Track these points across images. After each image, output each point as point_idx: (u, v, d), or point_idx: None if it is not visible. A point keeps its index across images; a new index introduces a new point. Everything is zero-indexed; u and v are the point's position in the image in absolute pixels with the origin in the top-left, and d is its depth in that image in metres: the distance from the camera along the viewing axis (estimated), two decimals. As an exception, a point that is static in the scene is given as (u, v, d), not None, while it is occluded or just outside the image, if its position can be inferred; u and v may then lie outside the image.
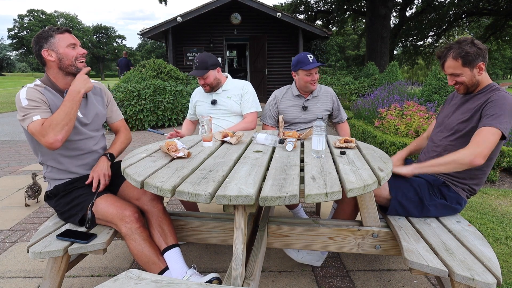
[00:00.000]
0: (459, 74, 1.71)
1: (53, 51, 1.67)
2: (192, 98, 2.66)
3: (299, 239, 1.77)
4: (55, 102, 1.68)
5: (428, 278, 1.98)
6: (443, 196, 1.75)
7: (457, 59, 1.68)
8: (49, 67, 1.70)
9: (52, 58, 1.67)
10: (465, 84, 1.73)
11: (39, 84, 1.69)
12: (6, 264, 2.17)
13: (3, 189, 3.65)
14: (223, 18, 12.33)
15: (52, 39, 1.66)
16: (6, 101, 15.35)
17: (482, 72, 1.70)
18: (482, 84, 1.74)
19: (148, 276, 1.17)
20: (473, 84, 1.73)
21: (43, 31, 1.69)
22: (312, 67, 2.35)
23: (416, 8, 19.56)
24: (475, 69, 1.68)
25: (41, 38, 1.67)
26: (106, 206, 1.64)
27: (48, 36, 1.67)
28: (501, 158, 3.66)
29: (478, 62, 1.67)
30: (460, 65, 1.68)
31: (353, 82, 10.72)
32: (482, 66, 1.68)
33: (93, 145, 1.84)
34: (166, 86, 7.91)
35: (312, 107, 2.50)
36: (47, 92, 1.68)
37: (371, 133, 4.83)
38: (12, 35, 59.77)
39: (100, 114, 1.88)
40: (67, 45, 1.68)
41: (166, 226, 1.70)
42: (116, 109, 2.03)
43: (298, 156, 1.69)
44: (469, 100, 1.76)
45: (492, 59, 26.54)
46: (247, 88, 2.56)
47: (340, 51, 29.15)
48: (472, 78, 1.71)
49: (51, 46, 1.66)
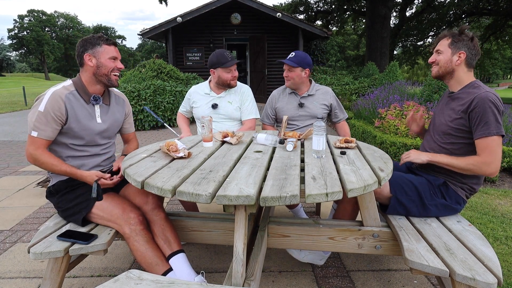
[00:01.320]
0: (441, 52, 1.75)
1: (95, 57, 1.73)
2: (189, 96, 2.60)
3: (299, 239, 1.77)
4: (76, 109, 1.73)
5: (428, 278, 1.98)
6: (443, 196, 1.75)
7: (448, 38, 1.73)
8: (85, 70, 1.76)
9: (91, 64, 1.73)
10: (439, 65, 1.76)
11: (68, 86, 1.75)
12: (6, 264, 2.17)
13: (3, 189, 3.65)
14: (223, 18, 12.33)
15: (98, 47, 1.73)
16: (6, 101, 15.35)
17: (460, 62, 1.71)
18: (464, 81, 1.75)
19: (148, 276, 1.17)
20: (447, 70, 1.75)
21: (92, 37, 1.75)
22: (282, 61, 2.47)
23: (416, 8, 19.56)
24: (455, 55, 1.71)
25: (88, 43, 1.73)
26: (112, 206, 1.65)
27: (95, 43, 1.73)
28: (501, 158, 3.66)
29: (461, 50, 1.69)
30: (447, 43, 1.73)
31: (353, 82, 10.72)
32: (462, 55, 1.70)
33: (100, 149, 1.88)
34: (166, 86, 7.91)
35: (309, 105, 2.52)
36: (71, 98, 1.72)
37: (371, 133, 4.84)
38: (12, 35, 59.74)
39: (117, 123, 1.94)
40: (109, 57, 1.75)
41: (169, 233, 1.70)
42: (131, 122, 2.11)
43: (298, 156, 1.69)
44: (455, 99, 1.76)
45: (492, 59, 26.52)
46: (247, 94, 2.56)
47: (340, 51, 29.18)
48: (447, 62, 1.73)
49: (95, 52, 1.73)
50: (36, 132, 1.65)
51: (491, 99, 1.58)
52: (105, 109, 1.86)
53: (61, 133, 1.74)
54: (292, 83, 2.50)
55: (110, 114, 1.89)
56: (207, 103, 2.51)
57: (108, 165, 1.95)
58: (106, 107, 1.88)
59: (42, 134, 1.66)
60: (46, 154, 1.70)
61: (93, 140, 1.82)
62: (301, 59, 2.44)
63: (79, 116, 1.74)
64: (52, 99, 1.66)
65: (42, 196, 3.41)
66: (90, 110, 1.79)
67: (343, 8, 18.10)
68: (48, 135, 1.68)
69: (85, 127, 1.76)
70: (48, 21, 63.41)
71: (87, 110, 1.78)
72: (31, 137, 1.67)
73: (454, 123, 1.71)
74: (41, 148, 1.69)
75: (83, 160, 1.82)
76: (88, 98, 1.78)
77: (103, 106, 1.86)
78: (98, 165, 1.88)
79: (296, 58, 2.45)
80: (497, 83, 57.72)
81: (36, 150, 1.68)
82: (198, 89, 2.58)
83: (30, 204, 3.18)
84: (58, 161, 1.71)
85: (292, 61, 2.44)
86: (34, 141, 1.67)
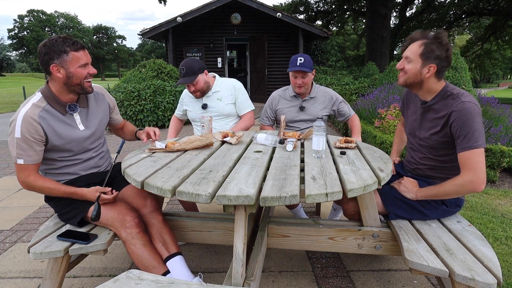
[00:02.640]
0: (410, 60, 1.62)
1: (63, 68, 1.56)
2: (181, 100, 2.61)
3: (299, 239, 1.77)
4: (53, 126, 1.62)
5: (428, 278, 1.98)
6: (443, 202, 1.73)
7: (421, 46, 1.59)
8: (53, 80, 1.61)
9: (60, 75, 1.57)
10: (407, 75, 1.64)
11: (38, 102, 1.60)
12: (6, 264, 2.17)
13: (3, 189, 3.65)
14: (223, 18, 12.32)
15: (65, 56, 1.55)
16: (6, 101, 15.36)
17: (429, 75, 1.60)
18: (434, 91, 1.65)
19: (148, 276, 1.17)
20: (415, 82, 1.64)
21: (56, 42, 1.54)
22: (293, 69, 2.33)
23: (416, 8, 19.56)
24: (425, 68, 1.59)
25: (52, 51, 1.54)
26: (107, 209, 1.63)
27: (61, 51, 1.54)
28: (501, 158, 3.66)
29: (432, 62, 1.57)
30: (419, 52, 1.59)
31: (353, 82, 10.72)
32: (432, 69, 1.58)
33: (93, 152, 1.84)
34: (166, 86, 7.91)
35: (310, 107, 2.49)
36: (45, 115, 1.60)
37: (371, 133, 4.84)
38: (12, 35, 59.81)
39: (103, 120, 1.87)
40: (79, 65, 1.59)
41: (167, 235, 1.69)
42: (117, 111, 2.04)
43: (298, 156, 1.69)
44: (430, 110, 1.68)
45: (492, 59, 26.53)
46: (238, 89, 2.52)
47: (340, 51, 29.17)
48: (416, 74, 1.61)
49: (62, 62, 1.56)
50: (21, 159, 1.56)
51: (470, 110, 1.50)
52: (84, 114, 1.75)
53: (46, 151, 1.66)
54: (305, 88, 2.44)
55: (92, 116, 1.78)
56: (197, 104, 2.51)
57: (105, 162, 1.92)
58: (85, 110, 1.75)
59: (28, 160, 1.57)
60: (40, 179, 1.62)
61: (82, 147, 1.75)
62: (309, 62, 2.35)
63: (59, 131, 1.63)
64: (25, 123, 1.53)
65: (42, 196, 3.41)
66: (69, 121, 1.67)
67: (343, 8, 18.10)
68: (34, 159, 1.59)
69: (69, 141, 1.67)
70: (48, 21, 63.46)
71: (66, 122, 1.66)
72: (18, 165, 1.58)
73: (438, 136, 1.64)
74: (32, 174, 1.61)
75: (78, 165, 1.77)
76: (64, 108, 1.65)
77: (82, 111, 1.73)
78: (96, 165, 1.85)
79: (307, 62, 2.34)
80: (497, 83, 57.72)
81: (28, 177, 1.60)
82: (188, 93, 2.55)
83: (30, 204, 3.18)
84: (54, 184, 1.63)
85: (306, 66, 2.34)
86: (22, 168, 1.59)
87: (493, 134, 4.14)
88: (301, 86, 2.41)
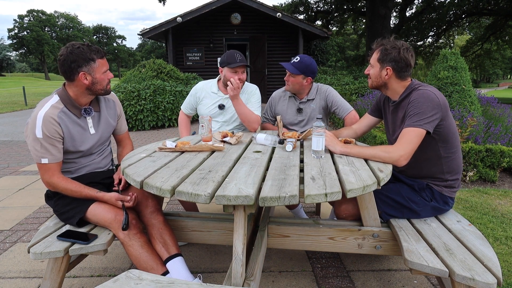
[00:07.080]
0: (372, 66, 1.78)
1: (90, 75, 1.63)
2: (195, 92, 2.48)
3: (299, 239, 1.77)
4: (69, 128, 1.67)
5: (428, 278, 1.98)
6: (431, 198, 1.75)
7: (377, 52, 1.74)
8: (75, 85, 1.65)
9: (86, 82, 1.64)
10: (372, 78, 1.79)
11: (56, 104, 1.65)
12: (6, 264, 2.17)
13: (3, 189, 3.65)
14: (223, 18, 12.34)
15: (93, 64, 1.63)
16: (6, 101, 15.36)
17: (388, 77, 1.72)
18: (400, 90, 1.76)
19: (148, 276, 1.18)
20: (380, 84, 1.78)
21: (83, 50, 1.60)
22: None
23: (416, 8, 19.55)
24: (383, 70, 1.73)
25: (81, 59, 1.60)
26: (105, 211, 1.63)
27: (89, 59, 1.61)
28: (501, 158, 3.66)
29: (387, 65, 1.70)
30: (376, 58, 1.74)
31: (353, 82, 10.72)
32: (389, 71, 1.71)
33: (96, 155, 1.87)
34: (166, 86, 7.91)
35: (307, 109, 2.47)
36: (63, 117, 1.65)
37: (371, 133, 4.83)
38: (12, 35, 59.77)
39: (110, 126, 1.90)
40: (103, 71, 1.67)
41: (167, 236, 1.69)
42: (124, 121, 2.04)
43: (297, 157, 1.69)
44: (399, 108, 1.77)
45: (492, 59, 26.51)
46: (254, 92, 2.48)
47: (340, 51, 29.16)
48: (378, 77, 1.76)
49: (90, 70, 1.62)
50: (46, 159, 1.61)
51: (424, 95, 1.60)
52: (96, 118, 1.81)
53: None
54: (291, 88, 2.42)
55: (103, 121, 1.84)
56: (214, 103, 2.43)
57: (107, 164, 1.94)
58: (97, 114, 1.82)
59: (52, 158, 1.62)
60: (63, 181, 1.66)
61: (89, 150, 1.80)
62: (304, 66, 2.30)
63: (73, 133, 1.69)
64: (46, 123, 1.59)
65: (42, 196, 3.41)
66: (82, 124, 1.73)
67: (343, 8, 18.09)
68: (57, 157, 1.65)
69: (80, 143, 1.73)
70: (48, 21, 63.45)
71: (80, 124, 1.72)
72: (42, 164, 1.62)
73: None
74: (56, 173, 1.65)
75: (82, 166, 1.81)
76: (79, 111, 1.71)
77: (94, 115, 1.79)
78: (98, 165, 1.87)
79: (300, 64, 2.31)
80: (497, 83, 57.71)
81: (51, 178, 1.64)
82: (205, 87, 2.48)
83: (30, 204, 3.18)
84: (77, 187, 1.66)
85: (295, 67, 2.31)
86: (47, 168, 1.63)
87: (493, 134, 4.14)
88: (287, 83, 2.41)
